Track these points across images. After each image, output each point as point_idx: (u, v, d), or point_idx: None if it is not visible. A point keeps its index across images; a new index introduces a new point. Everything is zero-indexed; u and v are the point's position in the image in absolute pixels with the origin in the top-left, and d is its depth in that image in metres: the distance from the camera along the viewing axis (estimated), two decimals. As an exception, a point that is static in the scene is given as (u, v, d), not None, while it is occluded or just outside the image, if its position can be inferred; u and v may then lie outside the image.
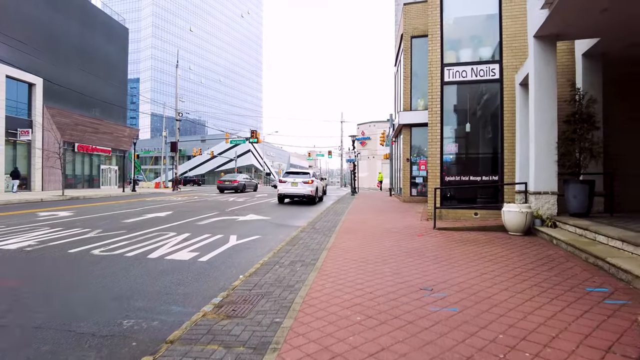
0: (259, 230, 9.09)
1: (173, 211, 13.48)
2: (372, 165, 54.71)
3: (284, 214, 12.76)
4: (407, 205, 15.12)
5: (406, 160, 16.36)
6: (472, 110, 9.92)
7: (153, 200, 19.60)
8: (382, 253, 5.90)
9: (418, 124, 16.25)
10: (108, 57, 37.55)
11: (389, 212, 12.39)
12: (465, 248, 6.16)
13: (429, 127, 9.93)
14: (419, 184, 16.41)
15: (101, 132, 35.82)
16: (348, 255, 5.76)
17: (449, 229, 7.96)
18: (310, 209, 14.55)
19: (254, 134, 36.60)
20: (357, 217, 10.91)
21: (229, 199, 19.86)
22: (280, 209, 14.76)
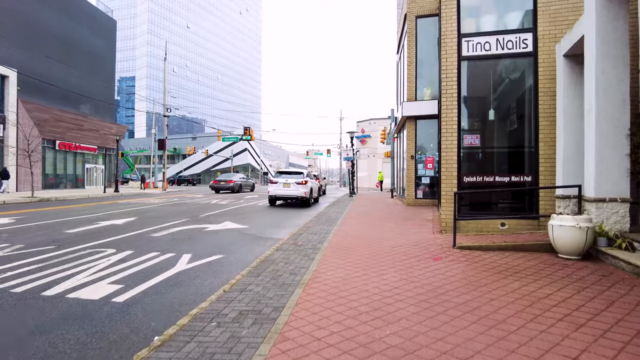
0: (225, 247, 7.07)
1: (137, 217, 11.47)
2: (372, 164, 52.67)
3: (266, 221, 10.73)
4: (412, 209, 13.08)
5: (410, 158, 14.33)
6: (497, 94, 7.88)
7: (127, 203, 17.58)
8: (384, 296, 3.87)
9: (424, 116, 14.22)
10: (93, 50, 35.54)
11: (392, 219, 10.35)
12: (508, 286, 4.12)
13: (442, 115, 7.89)
14: (425, 185, 14.37)
15: (85, 129, 33.81)
16: (331, 300, 3.74)
17: (474, 247, 5.92)
18: (299, 214, 12.54)
19: (247, 131, 34.58)
20: (352, 228, 8.87)
21: (211, 201, 17.83)
22: (265, 213, 12.74)
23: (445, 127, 7.78)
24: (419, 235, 7.51)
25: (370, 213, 11.97)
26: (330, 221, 10.00)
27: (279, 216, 12.05)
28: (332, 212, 12.24)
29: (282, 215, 12.21)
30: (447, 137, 7.77)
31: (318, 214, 11.98)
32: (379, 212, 12.16)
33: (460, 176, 7.66)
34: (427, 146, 14.58)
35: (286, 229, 9.21)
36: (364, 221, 9.87)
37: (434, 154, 14.25)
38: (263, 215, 12.33)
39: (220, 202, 17.73)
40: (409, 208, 13.55)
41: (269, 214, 12.55)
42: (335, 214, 11.65)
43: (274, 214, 12.56)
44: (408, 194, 14.34)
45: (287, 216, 12.02)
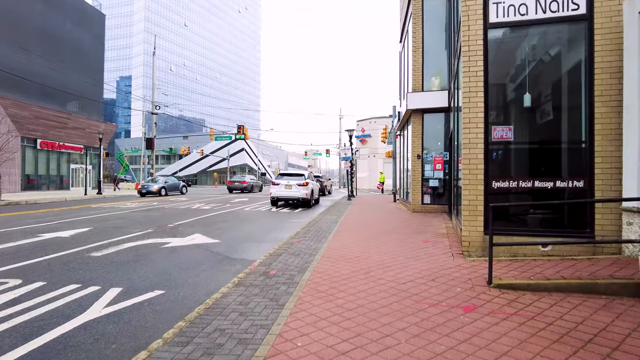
0: (175, 275, 5.26)
1: (94, 227, 9.66)
2: (373, 164, 50.81)
3: (243, 234, 8.90)
4: (419, 217, 11.25)
5: (416, 158, 12.49)
6: (536, 73, 6.04)
7: (100, 207, 15.77)
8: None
9: (432, 109, 12.39)
10: (80, 45, 33.75)
11: (396, 231, 8.51)
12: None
13: (463, 101, 6.05)
14: (433, 189, 12.52)
15: (70, 127, 32.02)
16: None
17: (519, 286, 4.08)
18: (286, 223, 10.72)
19: (242, 129, 32.75)
20: (346, 245, 7.03)
21: (192, 206, 15.99)
22: (246, 222, 10.92)
23: (468, 116, 5.94)
24: (435, 259, 5.66)
25: (370, 222, 10.13)
26: (320, 234, 8.16)
27: (261, 226, 10.21)
28: (325, 221, 10.40)
29: (265, 225, 10.38)
30: (470, 130, 5.93)
31: (309, 222, 10.15)
32: (381, 221, 10.32)
33: (487, 180, 5.82)
34: (435, 144, 12.75)
35: (265, 245, 7.40)
36: (361, 235, 8.03)
37: (443, 153, 12.42)
38: (243, 224, 10.51)
39: (202, 206, 15.90)
40: (415, 215, 11.71)
41: (250, 223, 10.72)
42: (329, 224, 9.81)
43: (256, 223, 10.74)
44: (414, 199, 12.50)
45: (270, 226, 10.19)
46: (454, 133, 9.28)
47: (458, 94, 7.80)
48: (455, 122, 9.22)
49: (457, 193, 7.86)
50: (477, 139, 5.90)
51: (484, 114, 5.87)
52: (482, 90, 5.88)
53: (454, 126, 9.37)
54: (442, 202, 12.38)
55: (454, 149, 9.30)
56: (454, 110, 9.32)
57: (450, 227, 8.74)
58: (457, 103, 8.90)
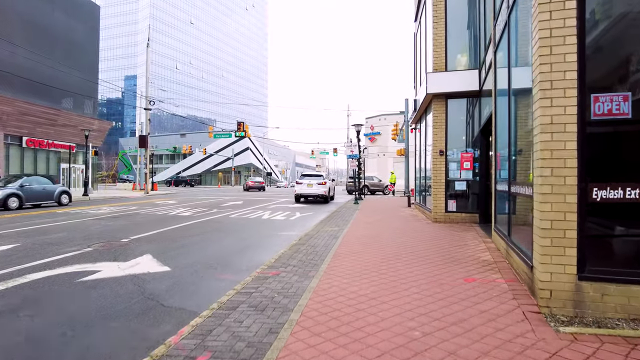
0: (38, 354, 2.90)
1: (23, 242, 7.48)
2: (382, 164, 48.28)
3: (208, 256, 6.55)
4: (443, 230, 8.82)
5: (439, 154, 10.04)
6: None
7: (67, 213, 13.64)
8: None
9: (459, 94, 9.94)
10: (72, 38, 31.87)
11: (420, 259, 6.11)
12: None
13: (540, 54, 3.62)
14: (460, 193, 10.06)
15: (60, 124, 30.16)
16: None
17: None
18: (271, 239, 8.37)
19: (241, 126, 30.56)
20: (344, 288, 4.66)
21: (171, 212, 13.75)
22: (226, 235, 8.60)
23: (548, 77, 3.52)
24: (498, 328, 3.24)
25: (381, 238, 7.72)
26: (311, 259, 5.80)
27: (240, 241, 7.87)
28: (323, 235, 8.04)
29: (245, 239, 8.03)
30: (553, 101, 3.52)
31: (301, 237, 7.79)
32: (395, 238, 7.91)
33: (585, 186, 3.40)
34: (461, 138, 10.29)
35: (227, 278, 5.08)
36: (369, 263, 5.64)
37: (472, 150, 9.97)
38: (217, 239, 8.18)
39: (183, 212, 13.65)
40: (439, 228, 9.27)
41: (227, 236, 8.39)
42: (327, 240, 7.44)
43: (236, 236, 8.40)
44: (435, 206, 10.04)
45: (252, 242, 7.84)
46: (494, 122, 6.84)
47: (509, 72, 5.35)
48: (495, 108, 6.78)
49: (513, 201, 5.41)
50: (565, 117, 3.48)
51: (579, 72, 3.45)
52: (573, 32, 3.45)
53: (493, 113, 6.94)
54: (471, 209, 9.93)
55: (493, 143, 6.87)
56: (494, 93, 6.88)
57: (492, 249, 6.30)
58: (497, 83, 6.50)
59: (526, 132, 4.46)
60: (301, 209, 15.22)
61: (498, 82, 6.56)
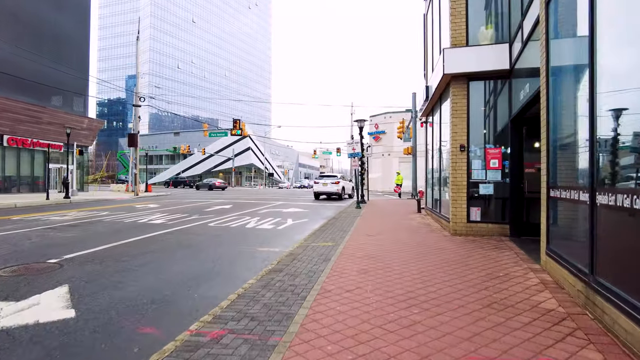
0: None
1: None
2: (387, 164, 46.28)
3: (146, 290, 4.63)
4: (470, 249, 6.85)
5: (459, 150, 8.06)
6: None
7: (21, 220, 11.84)
8: None
9: (483, 74, 7.98)
10: (59, 31, 30.21)
11: (448, 304, 4.16)
12: None
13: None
14: (486, 199, 8.07)
15: (45, 122, 28.51)
16: None
17: None
18: (244, 257, 6.44)
19: (237, 124, 28.72)
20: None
21: (140, 220, 11.88)
22: (187, 252, 6.70)
23: None
24: None
25: (387, 263, 5.77)
26: (283, 303, 3.86)
27: (199, 264, 5.94)
28: (309, 256, 6.11)
29: (207, 262, 6.08)
30: None
31: (281, 259, 5.88)
32: (407, 262, 5.96)
33: None
34: (485, 130, 8.31)
35: (150, 332, 3.14)
36: (370, 310, 3.72)
37: (500, 145, 8.00)
38: (170, 260, 6.25)
39: (154, 220, 11.78)
40: (461, 243, 7.31)
41: (187, 257, 6.46)
42: (313, 265, 5.50)
43: (198, 257, 6.45)
44: (455, 214, 8.05)
45: (213, 266, 5.89)
46: (547, 104, 4.87)
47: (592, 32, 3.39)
48: (547, 86, 4.82)
49: (597, 218, 3.43)
50: None
51: None
52: None
53: (544, 94, 4.97)
54: (499, 219, 7.94)
55: (545, 133, 4.90)
56: (545, 63, 4.92)
57: (550, 284, 4.31)
58: (549, 50, 4.56)
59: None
60: (295, 215, 13.31)
61: (555, 49, 4.59)
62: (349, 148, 15.75)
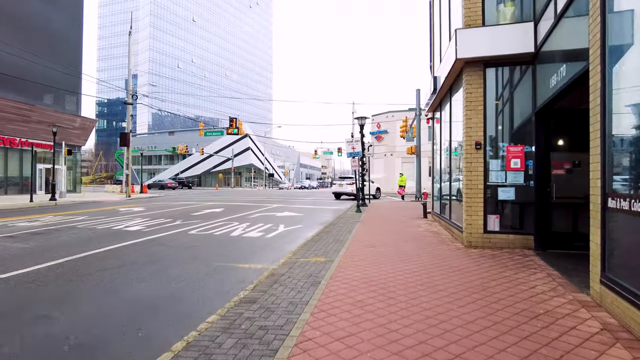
0: None
1: None
2: (390, 164, 45.13)
3: (47, 337, 3.47)
4: (491, 268, 5.71)
5: (474, 147, 6.89)
6: None
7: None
8: None
9: (503, 59, 6.81)
10: (50, 27, 29.17)
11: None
12: None
13: None
14: (507, 204, 6.90)
15: (35, 120, 27.48)
16: None
17: None
18: (212, 283, 5.28)
19: (234, 122, 27.64)
20: None
21: (116, 227, 10.77)
22: (149, 272, 5.59)
23: None
24: None
25: (390, 290, 4.62)
26: (245, 358, 2.71)
27: (142, 294, 4.77)
28: (295, 278, 4.99)
29: (158, 290, 4.91)
30: None
31: (259, 282, 4.76)
32: (415, 287, 4.82)
33: None
34: (504, 125, 7.15)
35: None
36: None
37: (521, 143, 6.84)
38: (120, 285, 5.12)
39: (131, 227, 10.66)
40: (479, 259, 6.16)
41: (144, 277, 5.32)
42: (296, 294, 4.35)
43: (148, 281, 5.29)
44: (470, 223, 6.88)
45: (166, 295, 4.71)
46: (605, 89, 3.72)
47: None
48: (602, 65, 3.68)
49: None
50: None
51: None
52: None
53: (601, 76, 3.82)
54: (522, 229, 6.77)
55: (601, 126, 3.75)
56: (601, 45, 3.79)
57: (618, 330, 3.14)
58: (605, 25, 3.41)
59: None
60: (288, 220, 12.18)
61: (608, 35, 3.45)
62: (348, 147, 14.58)
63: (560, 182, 6.41)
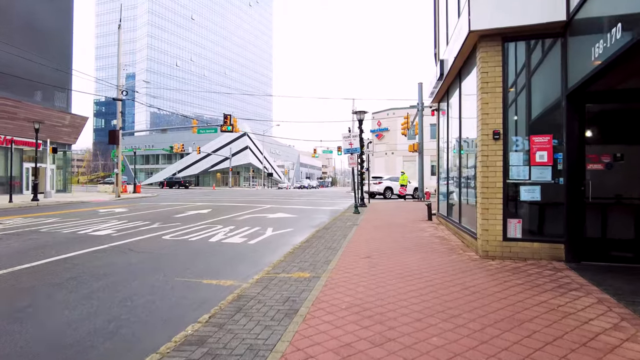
0: None
1: None
2: (391, 162, 44.00)
3: None
4: (519, 290, 4.56)
5: (492, 138, 5.74)
6: None
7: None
8: None
9: (525, 31, 5.65)
10: (37, 20, 28.09)
11: None
12: None
13: None
14: (531, 206, 5.74)
15: (22, 118, 26.40)
16: None
17: None
18: (157, 310, 4.12)
19: (228, 119, 26.52)
20: None
21: (82, 231, 9.65)
22: (84, 295, 4.44)
23: None
24: None
25: (388, 320, 3.51)
26: None
27: (81, 319, 3.64)
28: (266, 301, 3.88)
29: (81, 322, 3.77)
30: None
31: (219, 309, 3.62)
32: (421, 318, 3.70)
33: None
34: (527, 112, 5.98)
35: None
36: None
37: (547, 132, 5.69)
38: (58, 304, 3.98)
39: (102, 231, 9.55)
40: (497, 273, 5.04)
41: (73, 304, 4.17)
42: (264, 327, 3.23)
43: (74, 309, 4.14)
44: (486, 229, 5.74)
45: (104, 327, 3.57)
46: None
47: None
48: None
49: None
50: None
51: None
52: None
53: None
54: (550, 235, 5.62)
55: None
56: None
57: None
58: None
59: None
60: (279, 223, 11.06)
61: None
62: (345, 143, 13.44)
63: (597, 179, 5.28)
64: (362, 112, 15.90)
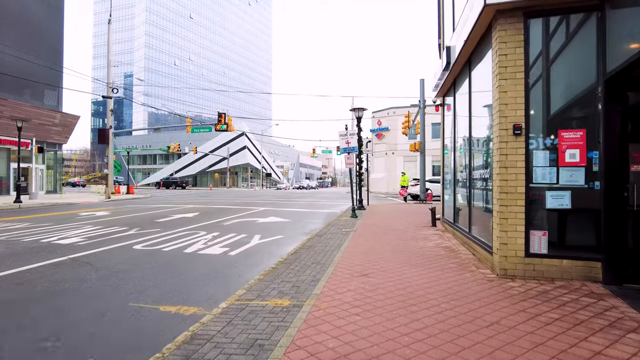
0: None
1: None
2: (391, 163, 43.05)
3: None
4: (553, 329, 3.65)
5: (512, 133, 4.78)
6: None
7: None
8: None
9: (554, 4, 4.68)
10: (26, 15, 27.17)
11: None
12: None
13: None
14: (560, 216, 4.77)
15: (6, 116, 25.45)
16: None
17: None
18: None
19: (222, 118, 25.60)
20: None
21: (46, 239, 8.70)
22: (12, 328, 3.47)
23: None
24: None
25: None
26: None
27: None
28: (227, 345, 2.91)
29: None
30: None
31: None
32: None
33: None
34: (552, 103, 5.01)
35: None
36: None
37: (580, 127, 4.73)
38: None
39: (70, 238, 8.59)
40: (522, 301, 4.11)
41: (7, 326, 3.24)
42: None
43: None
44: (505, 242, 4.79)
45: None
46: None
47: None
48: None
49: None
50: None
51: None
52: None
53: None
54: (583, 251, 4.66)
55: None
56: None
57: None
58: None
59: None
60: (268, 229, 10.12)
61: None
62: (342, 141, 12.49)
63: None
64: (361, 110, 14.96)
